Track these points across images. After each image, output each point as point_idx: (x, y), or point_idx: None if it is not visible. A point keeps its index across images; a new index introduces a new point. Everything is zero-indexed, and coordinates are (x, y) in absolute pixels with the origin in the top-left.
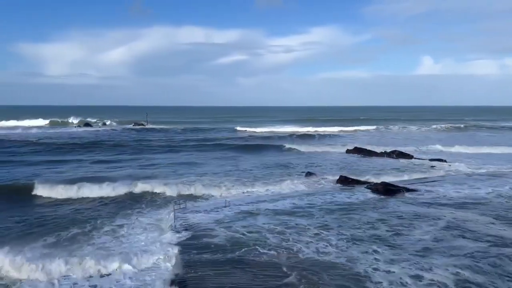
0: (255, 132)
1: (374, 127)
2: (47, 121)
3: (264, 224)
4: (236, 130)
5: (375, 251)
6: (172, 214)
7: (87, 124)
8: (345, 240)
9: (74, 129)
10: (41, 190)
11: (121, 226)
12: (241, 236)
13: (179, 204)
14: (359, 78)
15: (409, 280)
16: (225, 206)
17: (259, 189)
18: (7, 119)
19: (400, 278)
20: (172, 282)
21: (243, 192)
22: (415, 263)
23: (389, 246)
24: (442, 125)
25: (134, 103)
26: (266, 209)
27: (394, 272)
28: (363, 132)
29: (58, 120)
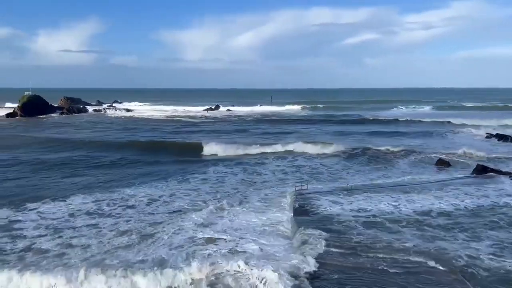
0: None
1: None
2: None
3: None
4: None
5: None
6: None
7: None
8: (499, 242)
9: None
10: None
11: None
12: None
13: (301, 186)
14: (508, 56)
15: None
16: (348, 190)
17: None
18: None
19: None
20: None
21: None
22: None
23: None
24: None
25: (261, 86)
26: None
27: None
28: None
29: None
